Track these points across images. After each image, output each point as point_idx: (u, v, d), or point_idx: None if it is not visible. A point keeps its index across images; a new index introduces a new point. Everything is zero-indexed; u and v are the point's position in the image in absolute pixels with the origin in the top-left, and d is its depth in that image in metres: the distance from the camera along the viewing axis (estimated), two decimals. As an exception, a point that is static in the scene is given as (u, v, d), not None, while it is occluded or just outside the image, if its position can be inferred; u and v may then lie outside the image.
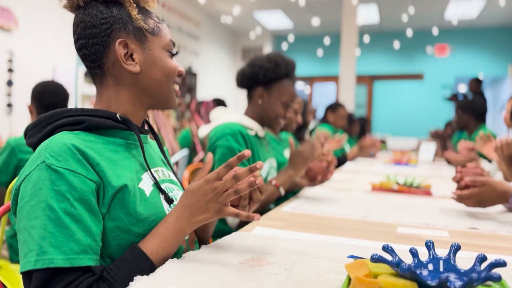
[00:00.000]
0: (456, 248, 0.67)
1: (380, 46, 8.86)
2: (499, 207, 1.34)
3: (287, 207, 1.33)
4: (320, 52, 8.74)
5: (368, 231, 1.07)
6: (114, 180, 0.71)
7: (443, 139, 3.39)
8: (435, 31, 7.70)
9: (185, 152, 2.70)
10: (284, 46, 8.93)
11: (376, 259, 0.63)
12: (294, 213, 1.26)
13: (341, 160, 3.24)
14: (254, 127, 1.51)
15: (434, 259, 0.67)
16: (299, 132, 2.91)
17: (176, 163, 2.51)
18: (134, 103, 0.81)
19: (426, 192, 1.67)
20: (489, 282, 0.66)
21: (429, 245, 0.69)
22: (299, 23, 8.52)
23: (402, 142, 7.53)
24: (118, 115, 0.77)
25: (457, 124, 3.26)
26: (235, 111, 1.57)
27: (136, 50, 0.79)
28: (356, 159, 3.54)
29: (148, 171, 0.80)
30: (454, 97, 6.51)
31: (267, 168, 1.52)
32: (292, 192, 1.69)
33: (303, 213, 1.25)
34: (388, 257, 0.76)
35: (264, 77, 1.49)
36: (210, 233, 0.95)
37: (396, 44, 7.96)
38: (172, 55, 0.84)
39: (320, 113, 5.66)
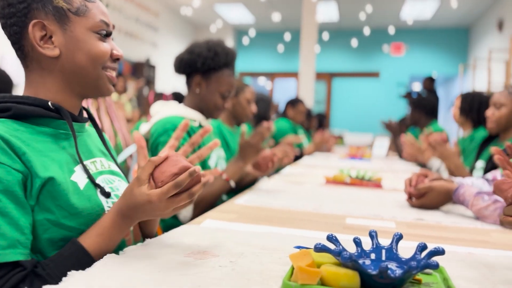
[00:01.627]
0: (398, 238, 0.68)
1: (339, 44, 9.03)
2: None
3: (240, 200, 1.32)
4: (281, 48, 8.78)
5: (318, 223, 1.08)
6: (42, 171, 0.66)
7: (396, 133, 3.50)
8: (391, 30, 7.93)
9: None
10: (245, 41, 8.90)
11: (319, 248, 0.63)
12: (247, 205, 1.24)
13: (298, 155, 3.27)
14: (196, 117, 1.48)
15: (377, 249, 0.67)
16: (260, 126, 2.91)
17: (131, 156, 2.43)
18: (64, 90, 0.75)
19: (377, 185, 1.71)
20: (429, 270, 0.67)
21: (373, 235, 0.70)
22: (260, 18, 8.52)
23: (358, 138, 7.72)
24: (50, 103, 0.72)
25: (410, 120, 3.38)
26: (174, 103, 1.52)
27: (56, 32, 0.72)
28: (313, 154, 3.58)
29: (81, 164, 0.75)
30: (408, 95, 6.74)
31: (215, 158, 1.49)
32: (247, 185, 1.68)
33: (256, 206, 1.24)
34: (332, 247, 0.76)
35: (202, 65, 1.45)
36: (154, 226, 0.91)
37: (354, 42, 8.13)
38: (103, 37, 0.77)
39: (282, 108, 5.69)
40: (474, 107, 2.36)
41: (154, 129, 1.39)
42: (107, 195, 0.76)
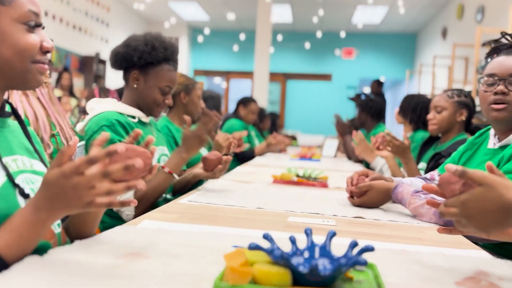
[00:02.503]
0: (331, 235, 0.68)
1: (293, 46, 9.16)
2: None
3: (183, 200, 1.29)
4: (236, 47, 8.78)
5: (261, 221, 1.07)
6: None
7: (345, 133, 3.58)
8: (342, 34, 8.16)
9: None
10: (200, 39, 8.81)
11: (253, 247, 0.62)
12: (190, 205, 1.22)
13: (249, 154, 3.27)
14: (135, 113, 1.42)
15: (312, 246, 0.67)
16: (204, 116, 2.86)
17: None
18: None
19: (323, 184, 1.74)
20: (362, 267, 0.68)
21: (308, 233, 0.70)
22: (215, 17, 8.46)
23: (310, 139, 7.87)
24: None
25: (357, 122, 3.48)
26: (111, 100, 1.45)
27: None
28: (264, 154, 3.60)
29: None
30: (357, 97, 6.95)
31: (157, 155, 1.44)
32: (192, 185, 1.65)
33: (199, 205, 1.22)
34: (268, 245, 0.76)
35: (139, 60, 1.39)
36: (91, 225, 0.85)
37: (308, 45, 8.29)
38: (32, 28, 0.71)
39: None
40: (414, 108, 2.47)
41: (88, 127, 1.32)
42: (26, 196, 0.70)
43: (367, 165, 2.75)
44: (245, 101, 3.57)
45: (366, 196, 1.29)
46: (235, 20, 8.25)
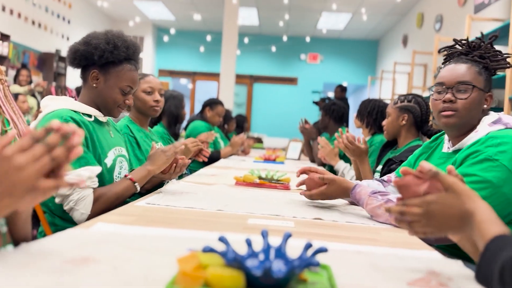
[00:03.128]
0: (287, 237, 0.68)
1: (259, 49, 9.21)
2: (343, 200, 1.45)
3: (141, 202, 1.25)
4: (202, 48, 8.72)
5: (220, 223, 1.06)
6: None
7: (310, 136, 3.63)
8: (308, 39, 8.28)
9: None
10: (166, 39, 8.70)
11: (207, 250, 0.61)
12: (148, 207, 1.19)
13: (215, 156, 3.24)
14: (91, 112, 1.38)
15: (267, 249, 0.67)
16: (174, 127, 2.81)
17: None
18: None
19: (285, 186, 1.75)
20: (317, 268, 0.68)
21: (264, 235, 0.69)
22: (180, 17, 8.37)
23: (276, 142, 7.93)
24: None
25: (320, 125, 3.54)
26: (65, 98, 1.39)
27: None
28: (229, 157, 3.58)
29: None
30: (321, 101, 7.07)
31: (112, 156, 1.40)
32: (153, 187, 1.61)
33: (157, 208, 1.19)
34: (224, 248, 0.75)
35: (100, 58, 1.35)
36: (26, 227, 0.80)
37: (274, 48, 8.35)
38: None
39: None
40: (370, 112, 2.53)
41: (40, 124, 1.27)
42: None
43: (330, 168, 2.79)
44: (212, 103, 3.54)
45: (327, 188, 1.30)
46: (201, 21, 8.20)
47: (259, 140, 7.82)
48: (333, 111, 3.27)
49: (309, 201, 1.42)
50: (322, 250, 0.61)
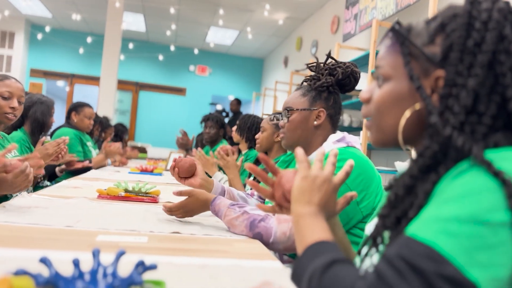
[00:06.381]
0: (120, 255, 0.65)
1: (146, 56, 8.95)
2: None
3: (-25, 218, 1.10)
4: (82, 50, 8.16)
5: (65, 241, 0.98)
6: None
7: (188, 148, 3.63)
8: (196, 51, 8.32)
9: None
10: (40, 36, 7.93)
11: (20, 273, 0.56)
12: (-19, 225, 1.05)
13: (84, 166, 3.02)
14: None
15: (96, 269, 0.63)
16: (38, 134, 2.55)
17: None
18: None
19: (153, 199, 1.70)
20: (149, 285, 0.67)
21: (95, 254, 0.66)
22: (58, 15, 7.73)
23: (161, 152, 7.74)
24: None
25: (205, 136, 3.58)
26: None
27: None
28: (103, 167, 3.38)
29: None
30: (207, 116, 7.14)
31: None
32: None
33: (-7, 225, 1.06)
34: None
35: None
36: None
37: (161, 57, 8.20)
38: None
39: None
40: (250, 128, 2.65)
41: None
42: None
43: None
44: (77, 107, 3.25)
45: (185, 200, 1.30)
46: (81, 21, 7.68)
47: (142, 150, 7.55)
48: (217, 123, 3.32)
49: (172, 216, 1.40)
50: (151, 267, 0.60)
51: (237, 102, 7.28)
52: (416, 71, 0.62)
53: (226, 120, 7.02)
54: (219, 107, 10.50)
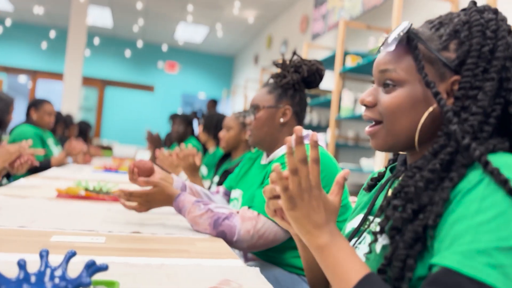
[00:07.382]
0: (70, 256, 0.63)
1: (112, 51, 8.74)
2: (171, 210, 1.44)
3: None
4: (44, 44, 7.88)
5: (15, 242, 0.94)
6: None
7: (156, 146, 3.57)
8: (165, 47, 8.19)
9: None
10: (1, 30, 7.60)
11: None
12: None
13: (44, 164, 2.92)
14: None
15: (43, 271, 0.61)
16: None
17: None
18: None
19: (114, 198, 1.66)
20: (101, 286, 0.65)
21: (43, 255, 0.63)
22: (20, 8, 7.42)
23: (128, 150, 7.59)
24: None
25: (173, 134, 3.53)
26: None
27: None
28: (64, 165, 3.27)
29: None
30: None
31: None
32: None
33: None
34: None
35: None
36: None
37: (128, 53, 8.03)
38: None
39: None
40: (216, 126, 2.62)
41: None
42: None
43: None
44: (36, 103, 3.12)
45: (148, 190, 1.25)
46: (44, 15, 7.41)
47: (108, 148, 7.38)
48: (183, 121, 3.28)
49: (134, 214, 1.36)
50: (101, 268, 0.58)
51: (213, 102, 7.23)
52: (431, 76, 0.65)
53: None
54: (188, 104, 10.40)
